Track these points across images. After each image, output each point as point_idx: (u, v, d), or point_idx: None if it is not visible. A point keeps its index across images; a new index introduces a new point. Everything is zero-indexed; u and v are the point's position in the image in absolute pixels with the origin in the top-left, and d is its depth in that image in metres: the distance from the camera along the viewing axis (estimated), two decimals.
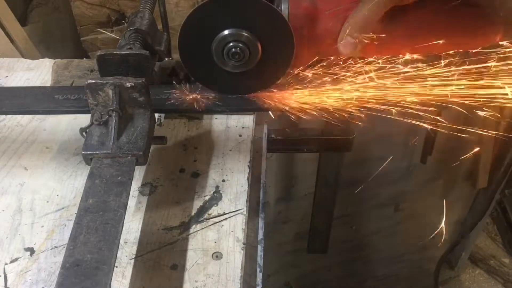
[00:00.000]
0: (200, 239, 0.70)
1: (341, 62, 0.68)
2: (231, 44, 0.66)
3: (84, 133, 0.68)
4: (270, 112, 0.74)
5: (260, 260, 0.72)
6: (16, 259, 0.67)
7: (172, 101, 0.74)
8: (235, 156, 0.83)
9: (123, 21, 1.48)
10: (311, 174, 1.49)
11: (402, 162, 1.82)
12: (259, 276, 0.70)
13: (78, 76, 0.96)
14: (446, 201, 2.08)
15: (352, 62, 0.68)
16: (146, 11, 0.87)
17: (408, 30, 0.66)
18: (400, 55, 0.66)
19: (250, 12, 0.64)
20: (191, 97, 0.73)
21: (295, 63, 0.69)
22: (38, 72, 1.01)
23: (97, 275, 0.53)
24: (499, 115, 0.67)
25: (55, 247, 0.69)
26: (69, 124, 0.88)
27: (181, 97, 0.74)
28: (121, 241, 0.67)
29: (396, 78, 0.67)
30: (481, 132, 0.72)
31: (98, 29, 1.47)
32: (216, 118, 0.90)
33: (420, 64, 0.66)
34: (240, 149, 0.84)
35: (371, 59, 0.67)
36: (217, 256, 0.68)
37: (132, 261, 0.67)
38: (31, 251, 0.68)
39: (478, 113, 0.67)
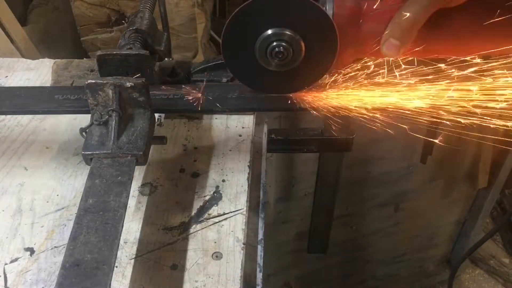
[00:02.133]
0: (200, 239, 0.70)
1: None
2: (274, 43, 0.66)
3: (84, 133, 0.68)
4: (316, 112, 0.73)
5: (260, 260, 0.72)
6: (16, 259, 0.67)
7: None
8: (235, 156, 0.83)
9: (123, 21, 1.48)
10: (311, 174, 1.49)
11: (402, 162, 1.82)
12: (259, 276, 0.70)
13: (78, 76, 0.96)
14: (446, 201, 2.08)
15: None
16: (146, 11, 0.87)
17: (452, 33, 0.65)
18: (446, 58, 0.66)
19: (294, 11, 0.64)
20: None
21: (336, 64, 0.69)
22: (38, 72, 1.01)
23: (97, 275, 0.53)
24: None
25: (55, 247, 0.69)
26: (69, 124, 0.88)
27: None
28: (121, 241, 0.67)
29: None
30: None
31: (98, 29, 1.48)
32: (216, 118, 0.90)
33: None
34: (240, 149, 0.84)
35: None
36: (217, 256, 0.68)
37: (132, 261, 0.67)
38: (31, 251, 0.68)
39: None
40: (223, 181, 0.78)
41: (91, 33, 1.49)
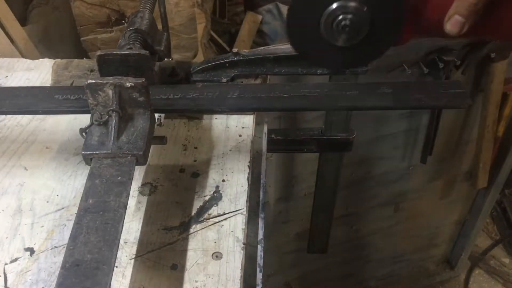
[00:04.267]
0: (200, 239, 0.70)
1: None
2: (340, 17, 0.64)
3: (84, 133, 0.68)
4: None
5: (260, 260, 0.72)
6: (16, 259, 0.67)
7: None
8: (235, 156, 0.83)
9: (123, 21, 1.48)
10: (311, 174, 1.49)
11: (402, 162, 1.82)
12: (259, 276, 0.70)
13: (78, 76, 0.96)
14: (446, 201, 2.08)
15: None
16: (146, 11, 0.87)
17: None
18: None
19: None
20: None
21: (399, 40, 0.68)
22: (38, 72, 1.01)
23: (97, 275, 0.53)
24: None
25: (55, 247, 0.69)
26: (69, 124, 0.88)
27: None
28: (121, 241, 0.67)
29: None
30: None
31: (98, 29, 1.47)
32: (216, 118, 0.90)
33: None
34: (240, 149, 0.84)
35: None
36: (217, 256, 0.68)
37: (132, 261, 0.67)
38: (31, 251, 0.68)
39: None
40: (223, 181, 0.78)
41: (91, 33, 1.49)
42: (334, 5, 0.64)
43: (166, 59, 0.87)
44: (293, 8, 0.66)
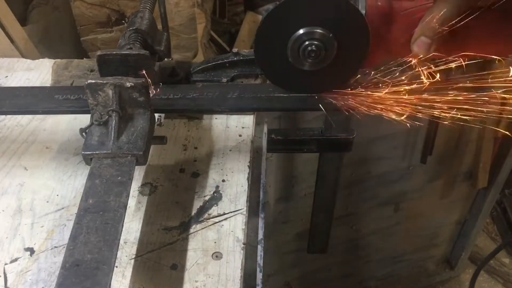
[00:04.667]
0: (200, 239, 0.70)
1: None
2: (306, 42, 0.66)
3: (84, 133, 0.68)
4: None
5: (260, 260, 0.72)
6: (16, 259, 0.67)
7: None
8: (235, 156, 0.83)
9: (123, 21, 1.48)
10: (311, 174, 1.49)
11: (402, 162, 1.82)
12: (259, 276, 0.70)
13: (78, 76, 0.96)
14: (446, 201, 2.08)
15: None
16: (146, 11, 0.87)
17: (481, 33, 0.65)
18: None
19: (327, 9, 0.65)
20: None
21: (366, 63, 0.69)
22: (38, 72, 1.01)
23: (97, 275, 0.53)
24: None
25: (55, 247, 0.69)
26: (69, 124, 0.88)
27: None
28: (121, 241, 0.67)
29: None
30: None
31: (98, 29, 1.47)
32: (216, 118, 0.90)
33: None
34: (240, 149, 0.84)
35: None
36: (217, 256, 0.68)
37: (132, 261, 0.67)
38: (31, 251, 0.68)
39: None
40: (223, 181, 0.78)
41: (91, 33, 1.49)
42: (301, 31, 0.65)
43: (166, 59, 0.87)
44: (261, 34, 0.67)
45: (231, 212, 0.74)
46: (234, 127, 0.89)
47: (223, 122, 0.90)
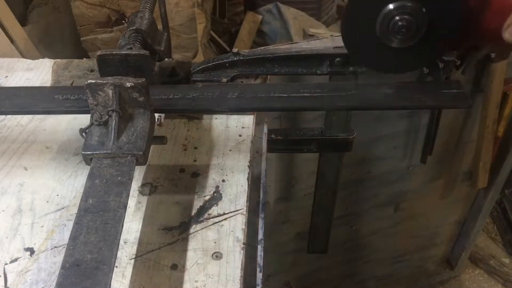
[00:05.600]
0: (200, 239, 0.70)
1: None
2: (396, 17, 0.64)
3: (84, 133, 0.68)
4: None
5: (260, 260, 0.72)
6: (16, 259, 0.67)
7: None
8: (235, 156, 0.83)
9: (123, 21, 1.48)
10: (311, 174, 1.49)
11: (402, 162, 1.82)
12: (259, 276, 0.70)
13: (78, 76, 0.96)
14: (446, 201, 2.08)
15: None
16: (146, 11, 0.87)
17: None
18: None
19: None
20: None
21: (453, 44, 0.67)
22: (38, 72, 1.01)
23: (97, 275, 0.53)
24: None
25: (55, 247, 0.69)
26: (69, 124, 0.88)
27: None
28: (121, 241, 0.67)
29: None
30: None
31: (98, 29, 1.47)
32: (216, 118, 0.90)
33: None
34: (240, 149, 0.84)
35: None
36: (217, 256, 0.68)
37: (132, 261, 0.67)
38: (31, 251, 0.68)
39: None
40: (223, 181, 0.79)
41: (91, 33, 1.49)
42: (391, 6, 0.63)
43: (166, 59, 0.87)
44: (349, 8, 0.66)
45: (231, 212, 0.74)
46: (234, 127, 0.89)
47: (223, 122, 0.90)
